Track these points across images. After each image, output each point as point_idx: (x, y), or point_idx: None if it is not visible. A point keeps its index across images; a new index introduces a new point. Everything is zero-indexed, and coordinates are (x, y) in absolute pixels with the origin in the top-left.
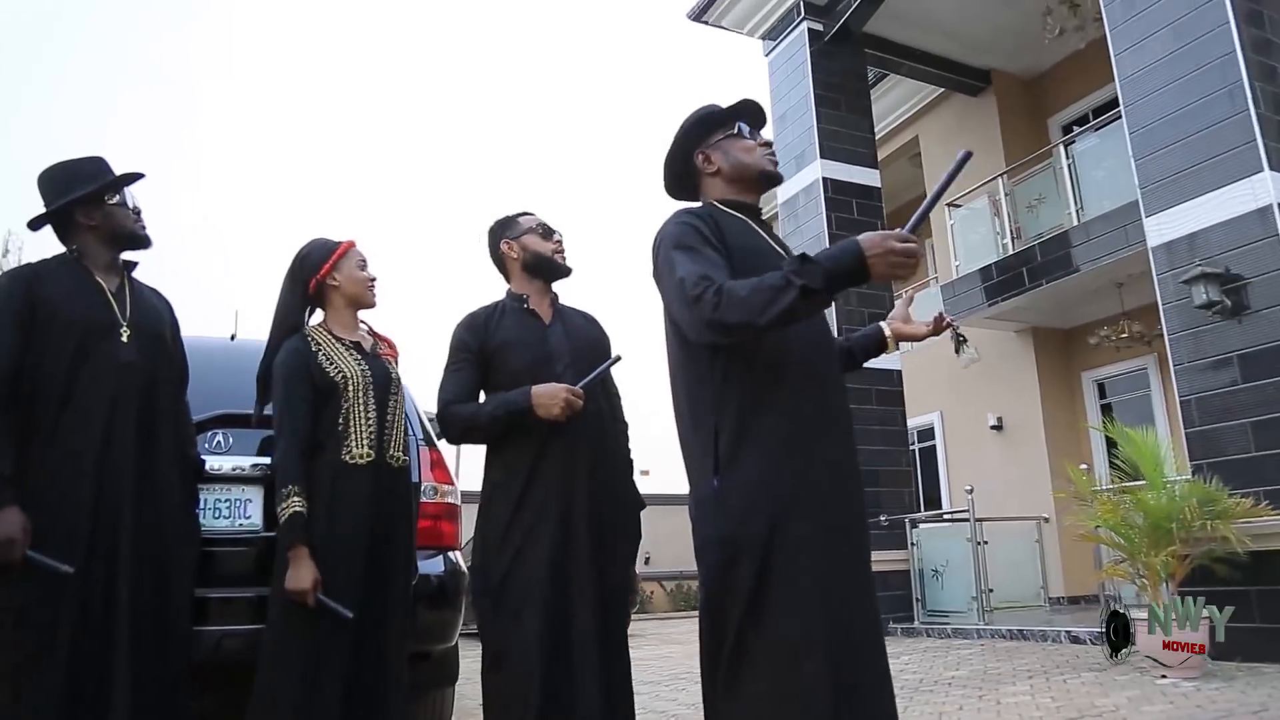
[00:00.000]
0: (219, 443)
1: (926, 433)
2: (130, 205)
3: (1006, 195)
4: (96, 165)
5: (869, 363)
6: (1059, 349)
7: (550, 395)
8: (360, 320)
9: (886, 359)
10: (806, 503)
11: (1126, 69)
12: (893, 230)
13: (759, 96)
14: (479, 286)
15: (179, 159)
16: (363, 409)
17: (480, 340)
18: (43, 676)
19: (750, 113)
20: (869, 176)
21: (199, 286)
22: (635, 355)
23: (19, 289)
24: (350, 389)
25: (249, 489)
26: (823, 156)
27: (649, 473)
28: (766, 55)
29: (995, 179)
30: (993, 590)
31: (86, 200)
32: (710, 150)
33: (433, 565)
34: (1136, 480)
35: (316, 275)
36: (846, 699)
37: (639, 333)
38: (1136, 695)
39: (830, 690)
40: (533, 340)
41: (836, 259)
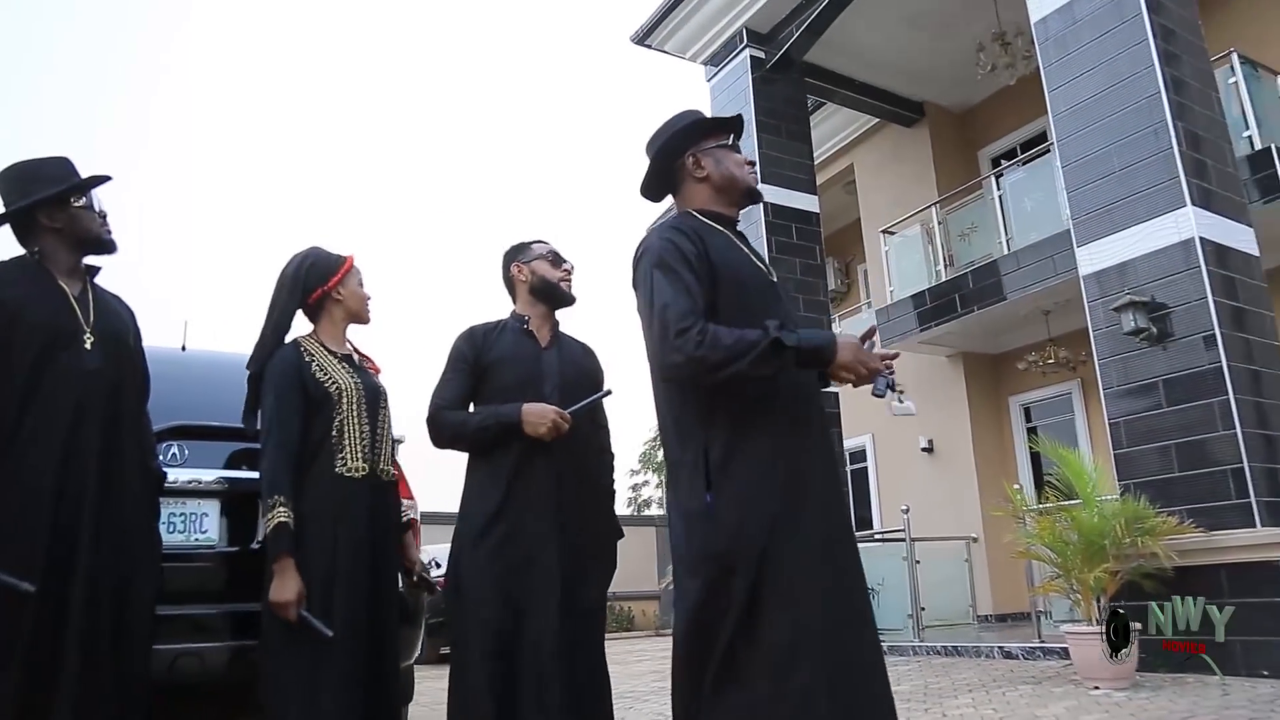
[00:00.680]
0: (174, 455)
1: (858, 454)
2: (96, 209)
3: (940, 224)
4: (62, 166)
5: None
6: (988, 373)
7: (539, 414)
8: (347, 339)
9: None
10: (798, 516)
11: (1059, 106)
12: (862, 344)
13: None
14: (431, 306)
15: (133, 168)
16: (356, 421)
17: (477, 353)
18: None
19: (740, 129)
20: (808, 202)
21: (149, 297)
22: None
23: None
24: (344, 400)
25: (205, 503)
26: (764, 181)
27: None
28: (709, 80)
29: (929, 208)
30: (924, 609)
31: (51, 202)
32: (702, 155)
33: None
34: (1069, 499)
35: (323, 286)
36: (839, 710)
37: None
38: (1074, 705)
39: (823, 701)
40: (526, 360)
41: (811, 335)
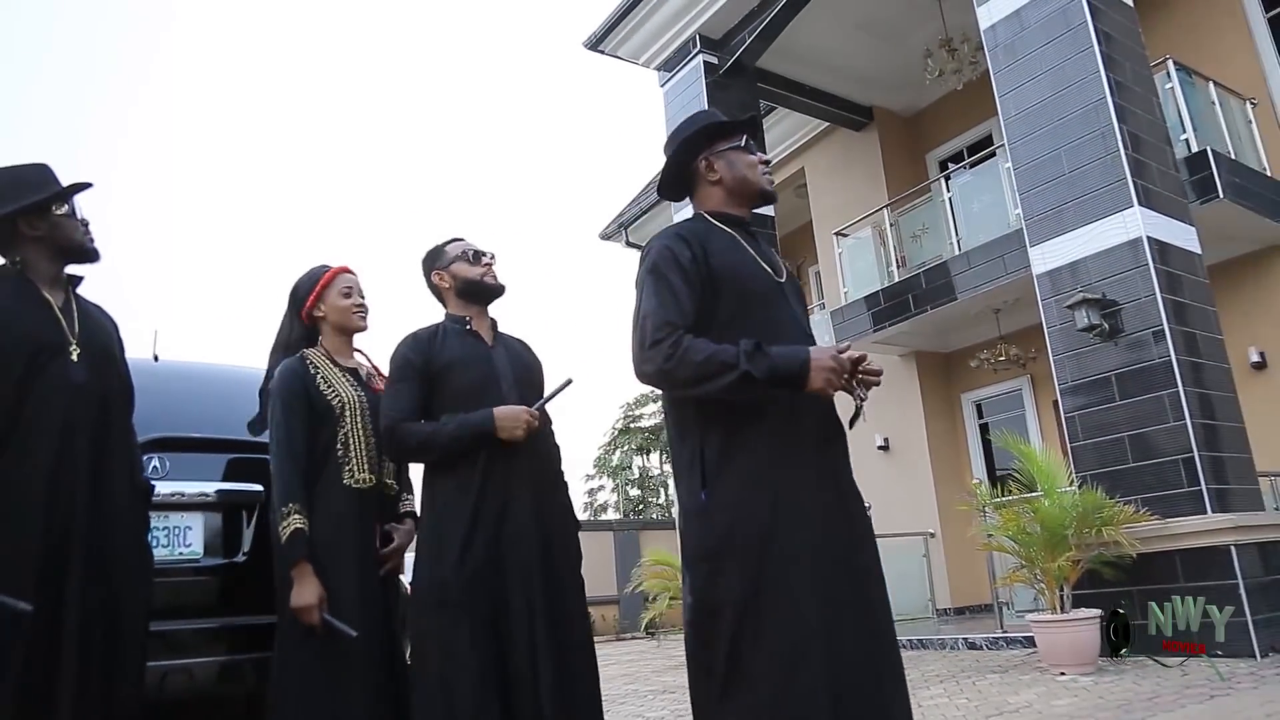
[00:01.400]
0: (155, 467)
1: None
2: (79, 216)
3: (891, 226)
4: (43, 173)
5: None
6: (940, 371)
7: (513, 418)
8: (356, 349)
9: None
10: (796, 515)
11: (1009, 110)
12: (835, 346)
13: (654, 126)
14: (403, 312)
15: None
16: (361, 433)
17: (424, 358)
18: None
19: (755, 128)
20: (764, 206)
21: (117, 304)
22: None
23: None
24: (348, 413)
25: (188, 516)
26: None
27: None
28: (662, 86)
29: (880, 210)
30: None
31: (31, 210)
32: (714, 158)
33: None
34: (1028, 492)
35: (306, 304)
36: (844, 709)
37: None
38: (1043, 691)
39: (827, 700)
40: (478, 360)
41: (785, 359)
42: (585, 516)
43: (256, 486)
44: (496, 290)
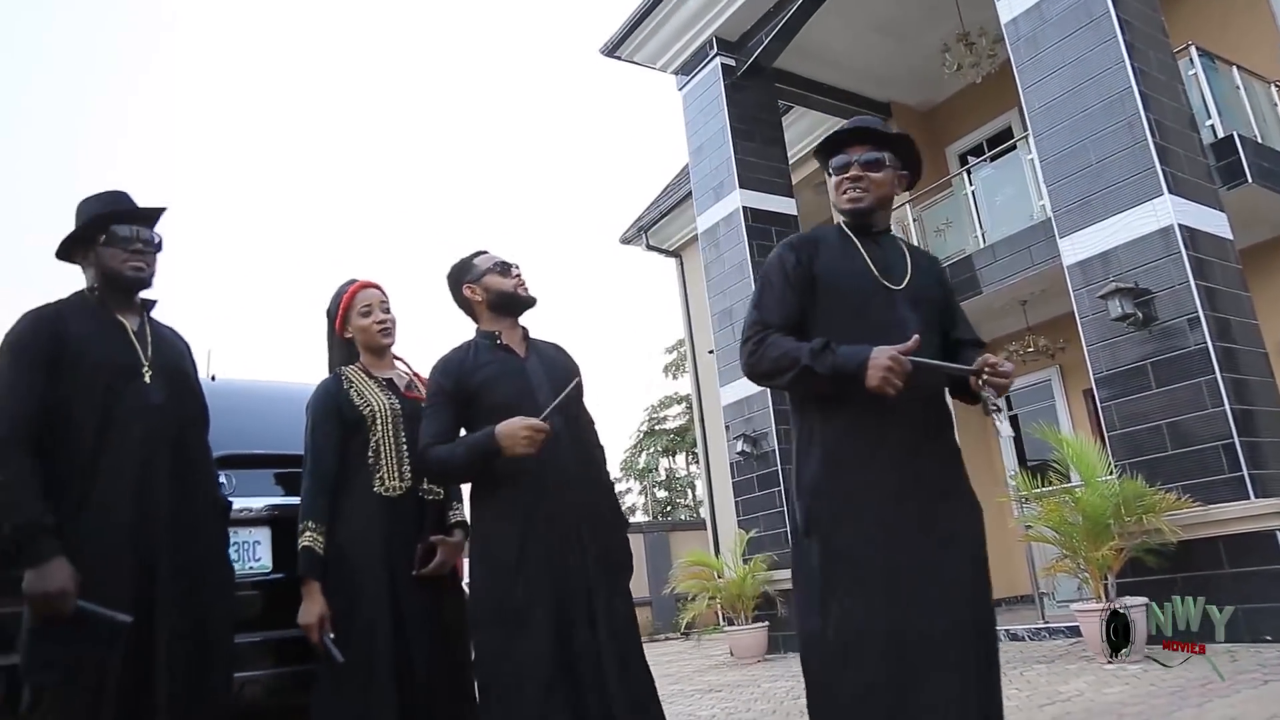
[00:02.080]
0: (223, 484)
1: None
2: (133, 240)
3: (915, 221)
4: (92, 204)
5: None
6: None
7: (510, 435)
8: (397, 358)
9: None
10: (867, 500)
11: (1033, 103)
12: (898, 347)
13: (673, 129)
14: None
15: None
16: (392, 441)
17: (456, 381)
18: None
19: (847, 141)
20: (786, 205)
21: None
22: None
23: (44, 328)
24: (378, 422)
25: (256, 530)
26: (741, 186)
27: None
28: (680, 90)
29: (902, 206)
30: None
31: (78, 241)
32: (827, 179)
33: None
34: (1065, 482)
35: (337, 328)
36: (904, 685)
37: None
38: (1093, 680)
39: (884, 677)
40: (512, 375)
41: (846, 357)
42: None
43: None
44: (529, 302)
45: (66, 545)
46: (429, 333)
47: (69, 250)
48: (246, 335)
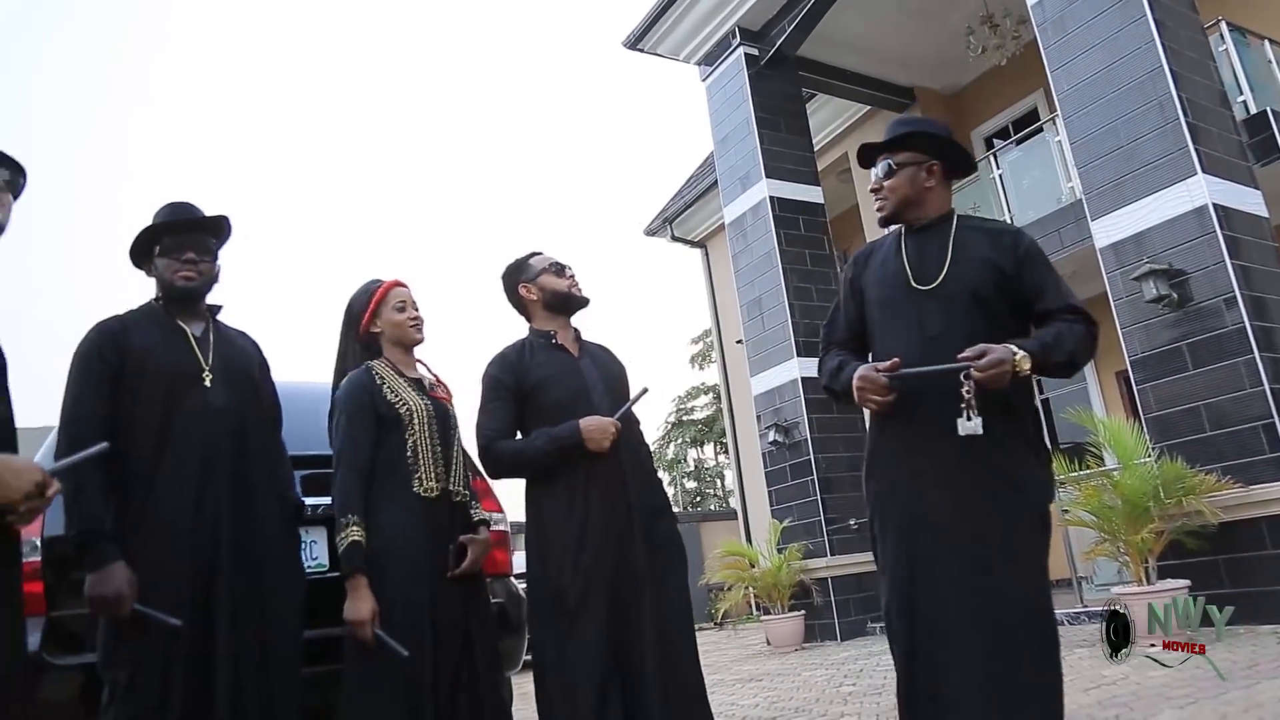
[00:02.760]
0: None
1: None
2: (183, 250)
3: None
4: (155, 217)
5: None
6: None
7: (600, 429)
8: (418, 360)
9: None
10: (899, 502)
11: (1062, 85)
12: (877, 375)
13: (697, 120)
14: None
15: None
16: (429, 442)
17: (515, 377)
18: None
19: (885, 145)
20: (812, 194)
21: None
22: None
23: (107, 341)
24: (416, 421)
25: (313, 530)
26: (768, 176)
27: None
28: (704, 80)
29: None
30: None
31: (139, 254)
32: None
33: (494, 592)
34: (1101, 465)
35: (362, 322)
36: (923, 669)
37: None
38: (1137, 664)
39: (904, 656)
40: (568, 374)
41: (849, 373)
42: None
43: None
44: (583, 302)
45: (127, 549)
46: (443, 328)
47: (137, 262)
48: (252, 336)
